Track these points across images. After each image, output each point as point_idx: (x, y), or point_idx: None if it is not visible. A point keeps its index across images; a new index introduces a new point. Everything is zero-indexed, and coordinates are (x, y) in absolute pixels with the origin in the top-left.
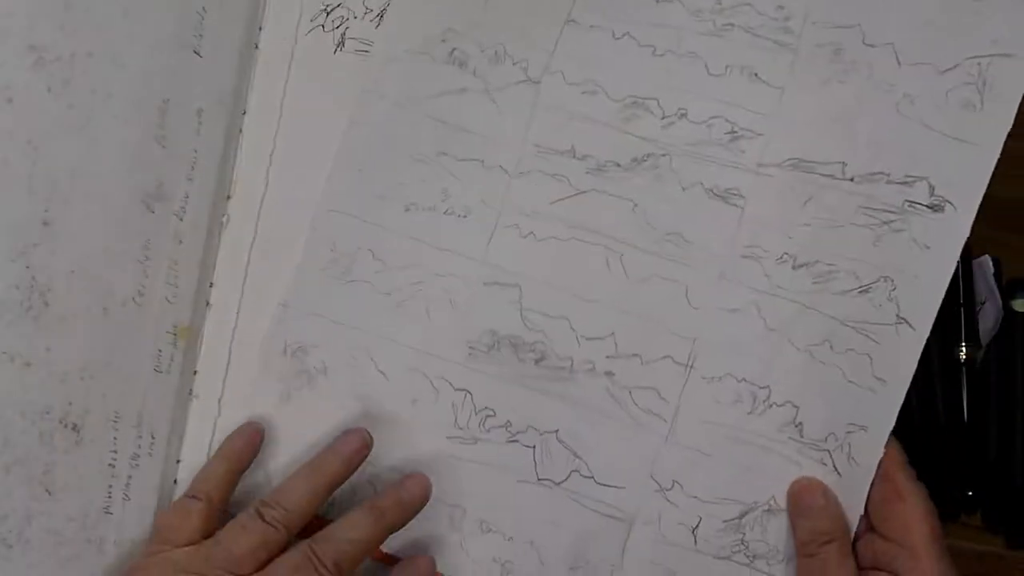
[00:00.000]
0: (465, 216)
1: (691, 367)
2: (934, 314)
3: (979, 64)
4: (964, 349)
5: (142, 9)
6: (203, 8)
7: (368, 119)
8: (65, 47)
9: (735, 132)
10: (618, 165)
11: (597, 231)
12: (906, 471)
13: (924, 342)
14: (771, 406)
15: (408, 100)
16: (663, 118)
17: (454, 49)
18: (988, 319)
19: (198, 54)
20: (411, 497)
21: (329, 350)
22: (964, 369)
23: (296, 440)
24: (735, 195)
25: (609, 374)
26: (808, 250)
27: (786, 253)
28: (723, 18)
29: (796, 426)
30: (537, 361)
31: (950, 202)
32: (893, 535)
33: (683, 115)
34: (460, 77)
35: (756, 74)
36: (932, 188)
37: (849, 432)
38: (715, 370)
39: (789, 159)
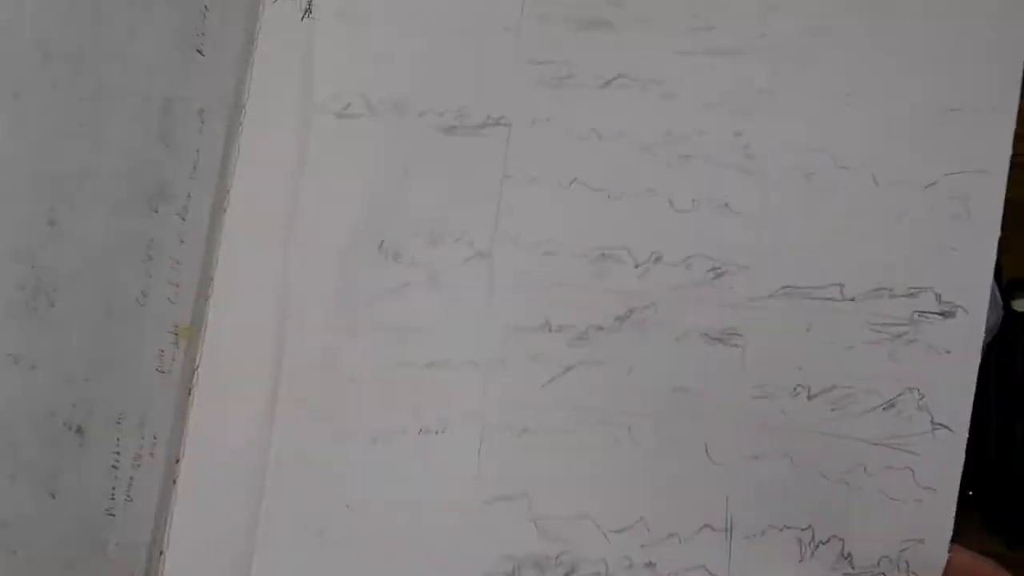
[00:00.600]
0: (444, 431)
1: (731, 530)
2: (969, 413)
3: (956, 180)
4: None
5: (146, 4)
6: (205, 6)
7: (302, 351)
8: (72, 43)
9: (718, 269)
10: (601, 328)
11: (596, 408)
12: (989, 566)
13: (965, 442)
14: (818, 546)
15: (343, 315)
16: (636, 267)
17: (382, 241)
18: (988, 319)
19: (200, 52)
20: None
21: None
22: None
23: None
24: (733, 335)
25: (650, 565)
26: (821, 377)
27: (799, 385)
28: (677, 149)
29: (846, 558)
30: (567, 574)
31: (960, 306)
32: None
33: (658, 259)
34: (396, 271)
35: (727, 205)
36: (939, 296)
37: (904, 549)
38: (755, 526)
39: (782, 288)
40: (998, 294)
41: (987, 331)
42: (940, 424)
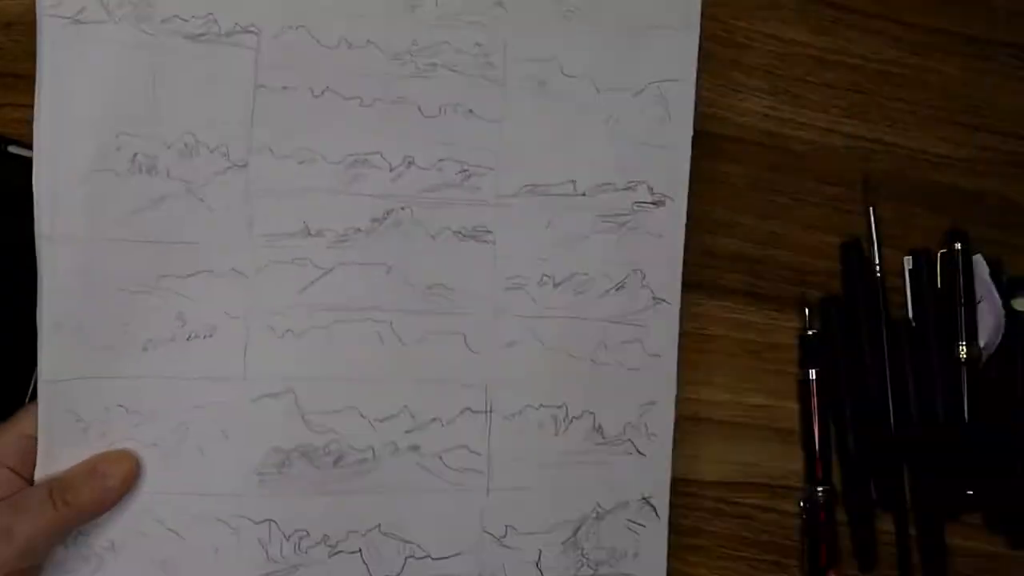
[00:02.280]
0: (211, 335)
1: (490, 411)
2: (679, 286)
3: (659, 87)
4: (964, 348)
5: None
6: None
7: (60, 270)
8: None
9: (466, 170)
10: (359, 230)
11: (357, 307)
12: None
13: (679, 310)
14: (571, 421)
15: (101, 230)
16: (391, 170)
17: (136, 154)
18: (986, 319)
19: None
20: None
21: (111, 525)
22: (964, 369)
23: None
24: (484, 232)
25: (414, 448)
26: (563, 266)
27: (545, 275)
28: (424, 58)
29: (597, 430)
30: (336, 462)
31: (668, 196)
32: None
33: (411, 163)
34: (152, 184)
35: (471, 111)
36: (651, 188)
37: (643, 413)
38: (513, 406)
39: (524, 186)
40: (996, 293)
41: (985, 331)
42: (659, 298)
